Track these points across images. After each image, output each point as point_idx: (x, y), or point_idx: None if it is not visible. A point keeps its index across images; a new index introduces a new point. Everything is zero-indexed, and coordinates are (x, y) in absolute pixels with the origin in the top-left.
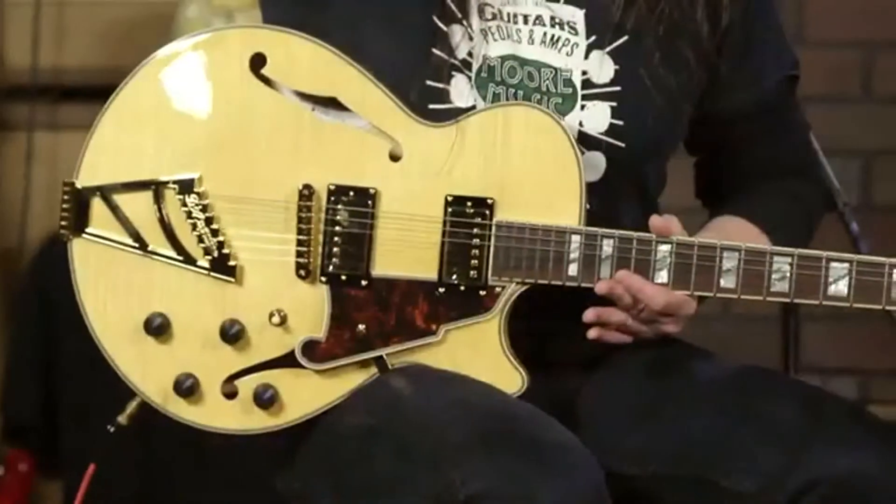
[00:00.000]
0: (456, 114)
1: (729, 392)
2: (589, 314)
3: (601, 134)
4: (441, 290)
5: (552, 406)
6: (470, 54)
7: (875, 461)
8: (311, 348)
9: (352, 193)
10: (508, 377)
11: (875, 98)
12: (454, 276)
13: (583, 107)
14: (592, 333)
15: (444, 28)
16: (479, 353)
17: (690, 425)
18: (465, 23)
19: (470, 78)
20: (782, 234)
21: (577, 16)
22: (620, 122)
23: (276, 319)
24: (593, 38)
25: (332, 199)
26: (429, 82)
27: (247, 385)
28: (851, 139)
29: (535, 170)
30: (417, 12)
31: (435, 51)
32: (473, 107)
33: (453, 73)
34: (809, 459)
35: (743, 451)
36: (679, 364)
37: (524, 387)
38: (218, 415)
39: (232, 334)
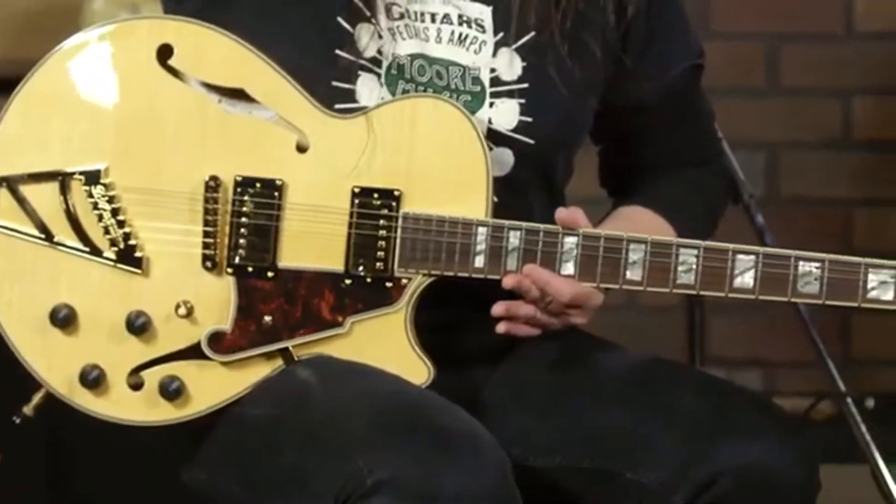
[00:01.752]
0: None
1: (634, 384)
2: (497, 308)
3: (510, 131)
4: (347, 281)
5: (459, 398)
6: (380, 52)
7: (779, 452)
8: (216, 340)
9: (258, 185)
10: (415, 369)
11: (780, 90)
12: (360, 268)
13: (492, 104)
14: (501, 327)
15: (350, 28)
16: (385, 344)
17: (596, 417)
18: (373, 21)
19: (379, 76)
20: (685, 224)
21: (484, 13)
22: (529, 119)
23: (182, 311)
24: (501, 35)
25: (239, 190)
26: (335, 83)
27: (153, 376)
28: (756, 131)
29: (442, 162)
30: (321, 13)
31: (339, 52)
32: None
33: (360, 72)
34: (714, 451)
35: (648, 442)
36: (585, 356)
37: (430, 378)
38: (124, 406)
39: (138, 326)
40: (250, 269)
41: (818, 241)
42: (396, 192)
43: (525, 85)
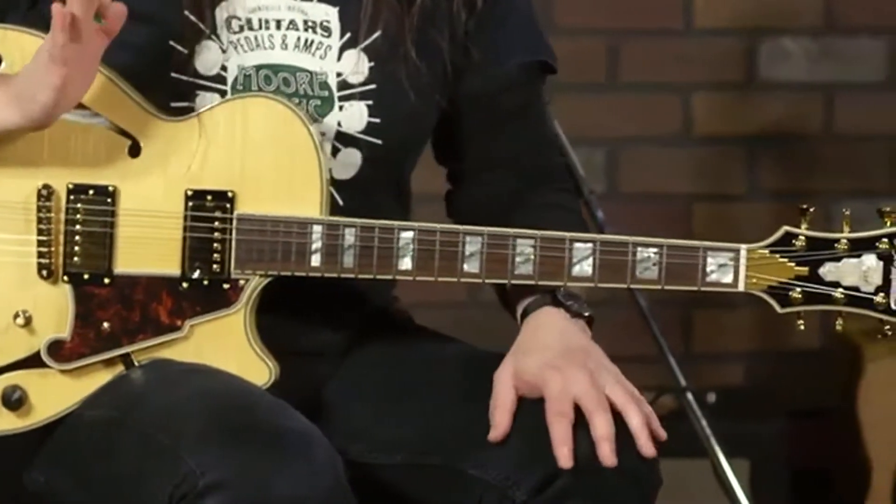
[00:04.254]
0: None
1: (477, 380)
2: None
3: (359, 133)
4: (185, 285)
5: (302, 397)
6: (224, 68)
7: (619, 447)
8: (56, 348)
9: (91, 192)
10: (256, 369)
11: (620, 86)
12: (197, 271)
13: (341, 108)
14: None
15: (183, 50)
16: (226, 346)
17: (438, 414)
18: (213, 37)
19: (225, 92)
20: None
21: (330, 14)
22: (377, 120)
23: (20, 320)
24: (348, 35)
25: (72, 198)
26: (173, 104)
27: None
28: (597, 127)
29: (275, 161)
30: (153, 37)
31: (173, 74)
32: None
33: (198, 91)
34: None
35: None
36: (427, 353)
37: (272, 378)
38: None
39: None
40: (86, 276)
41: (658, 236)
42: (230, 194)
43: (372, 86)
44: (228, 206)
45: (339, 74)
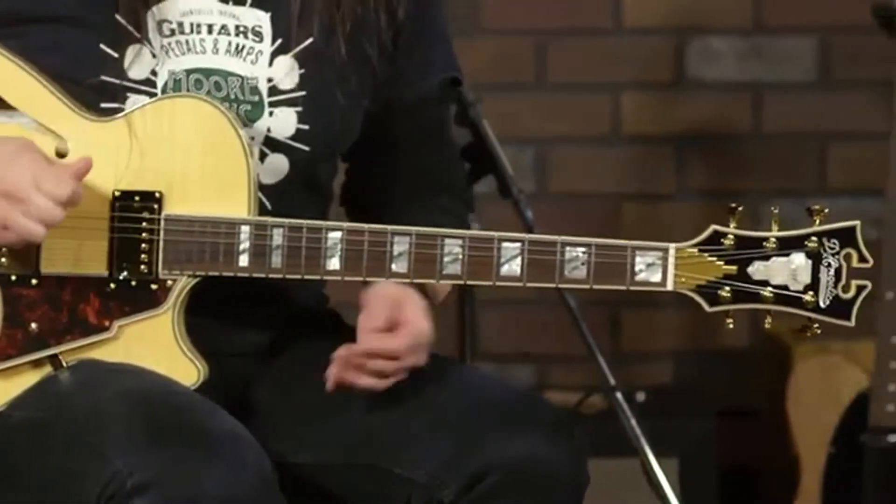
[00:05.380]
0: None
1: (405, 381)
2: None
3: (288, 139)
4: (112, 285)
5: (231, 397)
6: (154, 72)
7: (547, 446)
8: None
9: None
10: (185, 369)
11: (549, 86)
12: (124, 272)
13: (271, 113)
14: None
15: (114, 53)
16: (154, 346)
17: (364, 414)
18: (145, 42)
19: (154, 96)
20: None
21: (262, 20)
22: (306, 127)
23: None
24: (279, 41)
25: None
26: (104, 105)
27: None
28: (526, 127)
29: (203, 161)
30: (84, 40)
31: (104, 77)
32: None
33: (128, 94)
34: (482, 446)
35: (416, 439)
36: None
37: (201, 378)
38: None
39: None
40: (13, 277)
41: (587, 236)
42: (157, 195)
43: (302, 93)
44: (156, 206)
45: (269, 80)
